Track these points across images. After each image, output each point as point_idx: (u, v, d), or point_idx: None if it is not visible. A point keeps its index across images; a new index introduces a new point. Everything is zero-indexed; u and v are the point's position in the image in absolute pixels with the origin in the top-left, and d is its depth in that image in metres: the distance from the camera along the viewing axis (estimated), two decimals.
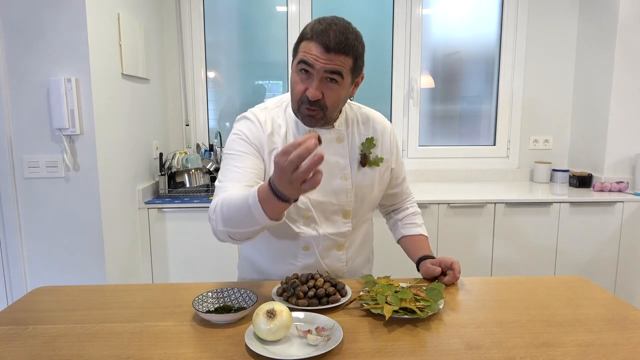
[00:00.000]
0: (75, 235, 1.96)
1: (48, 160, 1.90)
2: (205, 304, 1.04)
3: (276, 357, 0.83)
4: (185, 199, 2.38)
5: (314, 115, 1.12)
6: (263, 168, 1.18)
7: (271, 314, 0.89)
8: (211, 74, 2.91)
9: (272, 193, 0.88)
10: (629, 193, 2.54)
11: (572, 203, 2.44)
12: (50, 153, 1.90)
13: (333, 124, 1.22)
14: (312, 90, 1.08)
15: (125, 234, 2.20)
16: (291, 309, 0.99)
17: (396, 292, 1.05)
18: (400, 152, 1.38)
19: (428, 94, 2.99)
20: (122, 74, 2.16)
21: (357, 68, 1.12)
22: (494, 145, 3.03)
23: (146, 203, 2.35)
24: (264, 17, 2.89)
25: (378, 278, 1.17)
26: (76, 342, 0.92)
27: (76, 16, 1.82)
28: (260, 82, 2.98)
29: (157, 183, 2.52)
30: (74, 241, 1.97)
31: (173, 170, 2.48)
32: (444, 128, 3.04)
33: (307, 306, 1.04)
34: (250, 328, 0.92)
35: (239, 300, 1.06)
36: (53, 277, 1.98)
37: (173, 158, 2.50)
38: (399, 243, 1.42)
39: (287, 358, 0.83)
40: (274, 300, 1.05)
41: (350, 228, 1.26)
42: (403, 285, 1.12)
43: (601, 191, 2.59)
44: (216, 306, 1.04)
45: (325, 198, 1.21)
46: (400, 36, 2.87)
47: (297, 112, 1.15)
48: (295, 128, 1.21)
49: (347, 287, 1.12)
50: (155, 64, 2.61)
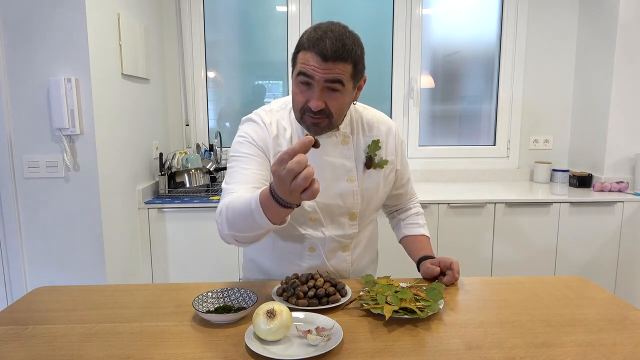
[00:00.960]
0: (75, 235, 1.96)
1: (48, 160, 1.90)
2: (205, 304, 1.04)
3: (276, 357, 0.83)
4: (185, 199, 2.38)
5: (319, 123, 1.11)
6: (269, 170, 1.17)
7: (271, 314, 0.89)
8: (211, 74, 2.91)
9: (274, 199, 0.88)
10: (629, 193, 2.54)
11: (572, 203, 2.44)
12: (50, 153, 1.90)
13: (338, 127, 1.21)
14: (314, 101, 1.07)
15: (125, 234, 2.19)
16: (291, 309, 0.99)
17: (396, 292, 1.05)
18: (404, 153, 1.37)
19: (428, 94, 2.99)
20: (122, 74, 2.16)
21: (358, 72, 1.10)
22: (494, 145, 3.03)
23: (146, 203, 2.35)
24: (264, 17, 2.89)
25: (378, 278, 1.17)
26: (76, 342, 0.92)
27: (76, 16, 1.82)
28: (260, 82, 2.98)
29: (157, 183, 2.52)
30: (74, 241, 1.97)
31: (173, 170, 2.48)
32: (444, 128, 3.04)
33: (307, 306, 1.04)
34: (250, 328, 0.92)
35: (239, 300, 1.06)
36: (53, 277, 1.98)
37: (173, 158, 2.50)
38: (401, 243, 1.42)
39: (287, 358, 0.83)
40: (274, 300, 1.05)
41: (356, 230, 1.26)
42: (403, 285, 1.12)
43: (601, 191, 2.59)
44: (216, 306, 1.04)
45: (331, 200, 1.21)
46: (400, 36, 2.87)
47: (301, 121, 1.14)
48: (300, 131, 1.20)
49: (347, 287, 1.12)
50: (155, 64, 2.61)
